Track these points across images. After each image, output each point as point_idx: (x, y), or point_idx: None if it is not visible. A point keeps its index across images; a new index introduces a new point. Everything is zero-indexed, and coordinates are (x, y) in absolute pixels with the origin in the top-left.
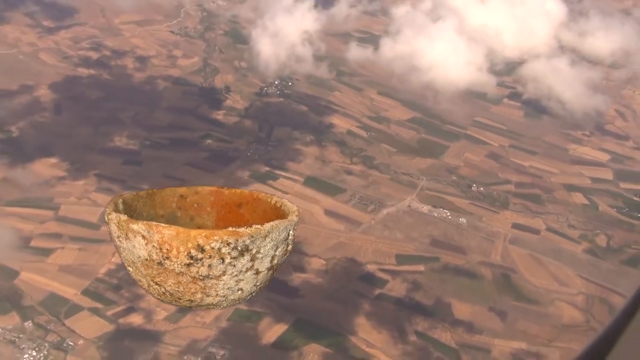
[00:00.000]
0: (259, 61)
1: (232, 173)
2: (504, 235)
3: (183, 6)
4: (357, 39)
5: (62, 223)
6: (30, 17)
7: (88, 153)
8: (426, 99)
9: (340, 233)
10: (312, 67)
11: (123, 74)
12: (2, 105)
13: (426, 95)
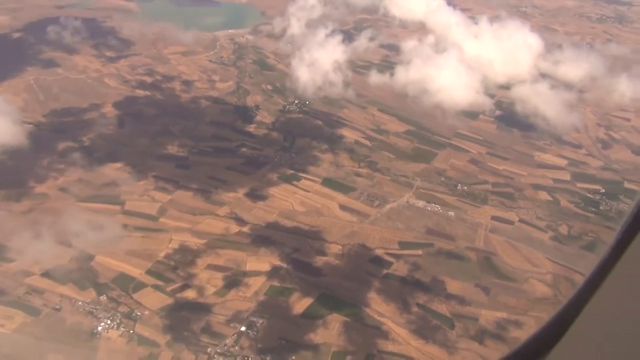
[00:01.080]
0: (298, 84)
1: (263, 175)
2: (484, 225)
3: (218, 40)
4: (376, 67)
5: (127, 216)
6: (95, 49)
7: (146, 159)
8: (417, 115)
9: (353, 224)
10: (338, 90)
11: (172, 95)
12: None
13: (418, 113)
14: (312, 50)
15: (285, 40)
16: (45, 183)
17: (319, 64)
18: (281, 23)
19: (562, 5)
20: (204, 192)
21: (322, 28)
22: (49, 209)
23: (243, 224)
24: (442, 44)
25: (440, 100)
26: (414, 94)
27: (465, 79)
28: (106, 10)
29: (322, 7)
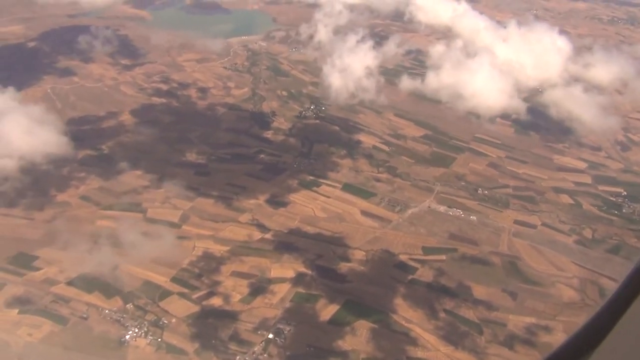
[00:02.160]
0: (325, 90)
1: (283, 182)
2: (507, 229)
3: (231, 47)
4: (407, 72)
5: (150, 223)
6: (110, 57)
7: (166, 166)
8: (434, 120)
9: (375, 229)
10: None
11: (189, 102)
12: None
13: (434, 117)
14: (339, 56)
15: (312, 46)
16: (66, 191)
17: (347, 70)
18: (307, 30)
19: (573, 8)
20: (225, 199)
21: (348, 34)
22: (72, 218)
23: (265, 230)
24: (470, 48)
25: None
26: (434, 98)
27: (497, 83)
28: (119, 19)
29: (347, 13)
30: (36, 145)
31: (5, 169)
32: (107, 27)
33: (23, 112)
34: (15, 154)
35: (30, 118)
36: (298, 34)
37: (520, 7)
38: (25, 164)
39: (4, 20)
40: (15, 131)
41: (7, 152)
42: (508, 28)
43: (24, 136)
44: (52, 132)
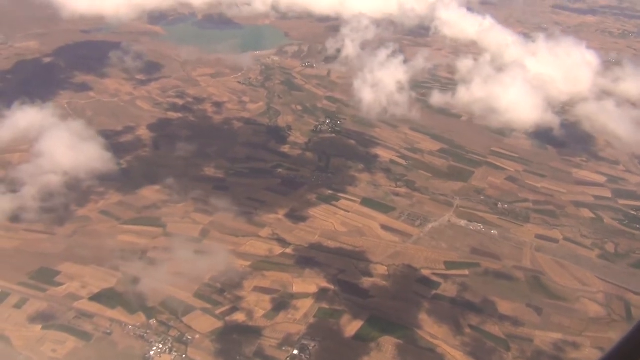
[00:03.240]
0: (362, 106)
1: (302, 196)
2: (529, 244)
3: (245, 61)
4: (438, 87)
5: (170, 238)
6: (125, 72)
7: (184, 180)
8: (449, 133)
9: (396, 244)
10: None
11: (205, 116)
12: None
13: (450, 130)
14: (367, 71)
15: (339, 61)
16: (86, 206)
17: (377, 84)
18: (334, 44)
19: (583, 22)
20: (245, 214)
21: (375, 49)
22: (92, 232)
23: (286, 245)
24: (498, 62)
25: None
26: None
27: (529, 97)
28: (133, 35)
29: (374, 28)
30: (80, 161)
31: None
32: (122, 43)
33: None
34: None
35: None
36: (311, 48)
37: (530, 20)
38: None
39: (19, 36)
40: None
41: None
42: (535, 42)
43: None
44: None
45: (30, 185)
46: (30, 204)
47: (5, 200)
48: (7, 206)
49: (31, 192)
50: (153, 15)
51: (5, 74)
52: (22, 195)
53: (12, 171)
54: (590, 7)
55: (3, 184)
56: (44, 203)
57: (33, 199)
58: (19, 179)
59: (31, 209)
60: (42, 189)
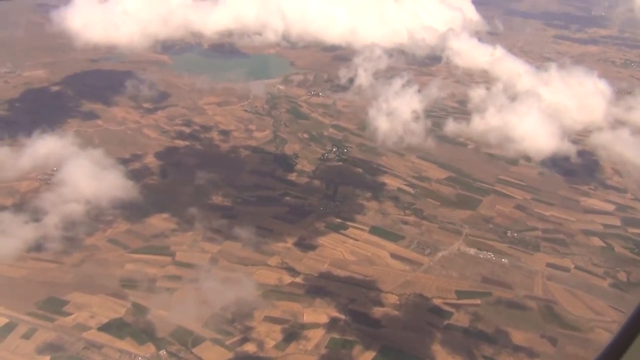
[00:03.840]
0: (378, 134)
1: (310, 224)
2: (541, 272)
3: (251, 90)
4: (451, 115)
5: (179, 267)
6: (132, 101)
7: (192, 209)
8: (456, 162)
9: (407, 272)
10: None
11: (212, 145)
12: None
13: (456, 159)
14: (382, 99)
15: (353, 91)
16: (94, 235)
17: (392, 113)
18: (346, 73)
19: (585, 52)
20: (253, 242)
21: (388, 78)
22: (100, 261)
23: (295, 274)
24: (511, 91)
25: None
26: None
27: (545, 126)
28: (140, 63)
29: (386, 58)
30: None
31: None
32: (129, 71)
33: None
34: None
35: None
36: (317, 77)
37: (533, 50)
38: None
39: (27, 65)
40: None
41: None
42: (547, 71)
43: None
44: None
45: (48, 214)
46: (51, 232)
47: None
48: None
49: (53, 221)
50: (161, 44)
51: (14, 102)
52: (43, 224)
53: (25, 199)
54: (591, 37)
55: (11, 211)
56: (64, 232)
57: (54, 228)
58: (29, 207)
59: (52, 238)
60: (61, 218)
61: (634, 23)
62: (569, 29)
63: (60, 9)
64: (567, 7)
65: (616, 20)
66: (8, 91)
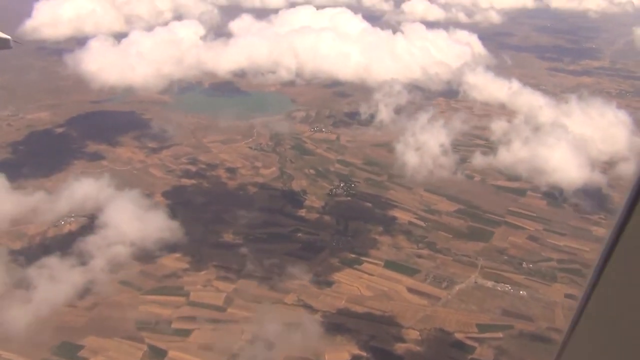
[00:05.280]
0: (407, 169)
1: (324, 260)
2: (560, 304)
3: (254, 127)
4: (478, 148)
5: (194, 307)
6: (137, 141)
7: (204, 248)
8: (464, 194)
9: (425, 307)
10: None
11: (219, 182)
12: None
13: (464, 191)
14: (408, 134)
15: (374, 126)
16: (106, 277)
17: (416, 147)
18: (367, 109)
19: (580, 83)
20: (268, 280)
21: (409, 113)
22: (113, 304)
23: (313, 311)
24: (533, 123)
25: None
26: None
27: (573, 157)
28: (142, 104)
29: (403, 93)
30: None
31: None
32: (132, 112)
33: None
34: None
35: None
36: (319, 113)
37: (529, 82)
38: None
39: (30, 107)
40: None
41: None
42: (568, 103)
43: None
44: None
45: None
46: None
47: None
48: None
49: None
50: (168, 85)
51: (18, 145)
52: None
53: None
54: (584, 69)
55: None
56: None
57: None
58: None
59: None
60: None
61: (625, 54)
62: (562, 61)
63: (66, 52)
64: (558, 40)
65: (607, 52)
66: (11, 134)
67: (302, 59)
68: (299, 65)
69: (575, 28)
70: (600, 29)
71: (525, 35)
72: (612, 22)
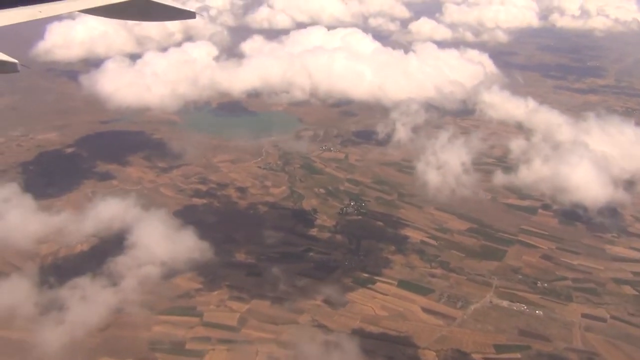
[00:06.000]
0: (428, 189)
1: (337, 280)
2: (577, 323)
3: (263, 147)
4: (499, 167)
5: (208, 327)
6: (147, 160)
7: (216, 267)
8: (476, 212)
9: (441, 327)
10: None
11: (229, 202)
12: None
13: (475, 210)
14: (429, 153)
15: (392, 145)
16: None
17: (439, 166)
18: (375, 128)
19: (586, 101)
20: (281, 300)
21: (427, 132)
22: (127, 324)
23: (328, 331)
24: (551, 142)
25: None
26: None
27: (596, 174)
28: (151, 123)
29: (423, 113)
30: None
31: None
32: (141, 132)
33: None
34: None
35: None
36: (327, 132)
37: (536, 100)
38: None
39: (39, 128)
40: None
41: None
42: (586, 121)
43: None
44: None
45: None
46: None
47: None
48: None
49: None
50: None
51: (28, 165)
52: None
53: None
54: (590, 87)
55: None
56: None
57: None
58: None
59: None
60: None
61: (629, 72)
62: (566, 80)
63: (77, 73)
64: (561, 58)
65: (612, 70)
66: (22, 154)
67: (316, 79)
68: (313, 85)
69: (579, 47)
70: (605, 48)
71: (530, 54)
72: (618, 40)
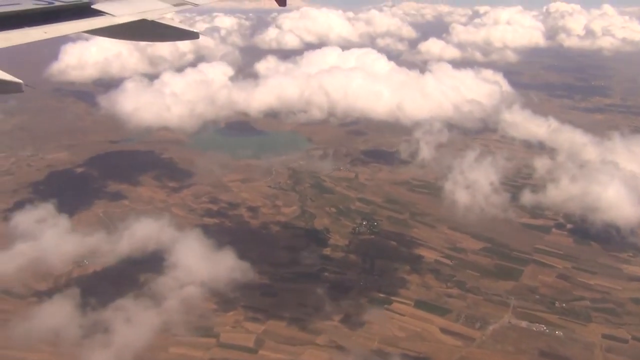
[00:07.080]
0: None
1: (353, 300)
2: (598, 344)
3: (273, 166)
4: (528, 185)
5: (224, 349)
6: (158, 180)
7: (230, 288)
8: (489, 231)
9: (461, 348)
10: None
11: (241, 222)
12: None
13: (488, 229)
14: (456, 172)
15: (417, 164)
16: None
17: (469, 186)
18: (407, 148)
19: (593, 120)
20: (298, 321)
21: (450, 152)
22: (144, 346)
23: (346, 353)
24: (577, 161)
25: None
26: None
27: (626, 193)
28: (160, 143)
29: (440, 131)
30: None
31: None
32: (151, 151)
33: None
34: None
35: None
36: (336, 152)
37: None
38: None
39: (49, 148)
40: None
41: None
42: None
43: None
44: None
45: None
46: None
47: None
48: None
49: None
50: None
51: (38, 185)
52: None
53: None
54: (596, 106)
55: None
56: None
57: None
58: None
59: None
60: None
61: (635, 91)
62: (572, 99)
63: (87, 93)
64: (566, 78)
65: (617, 89)
66: (32, 174)
67: (333, 98)
68: (331, 104)
69: (583, 66)
70: (610, 67)
71: (534, 74)
72: (625, 60)
